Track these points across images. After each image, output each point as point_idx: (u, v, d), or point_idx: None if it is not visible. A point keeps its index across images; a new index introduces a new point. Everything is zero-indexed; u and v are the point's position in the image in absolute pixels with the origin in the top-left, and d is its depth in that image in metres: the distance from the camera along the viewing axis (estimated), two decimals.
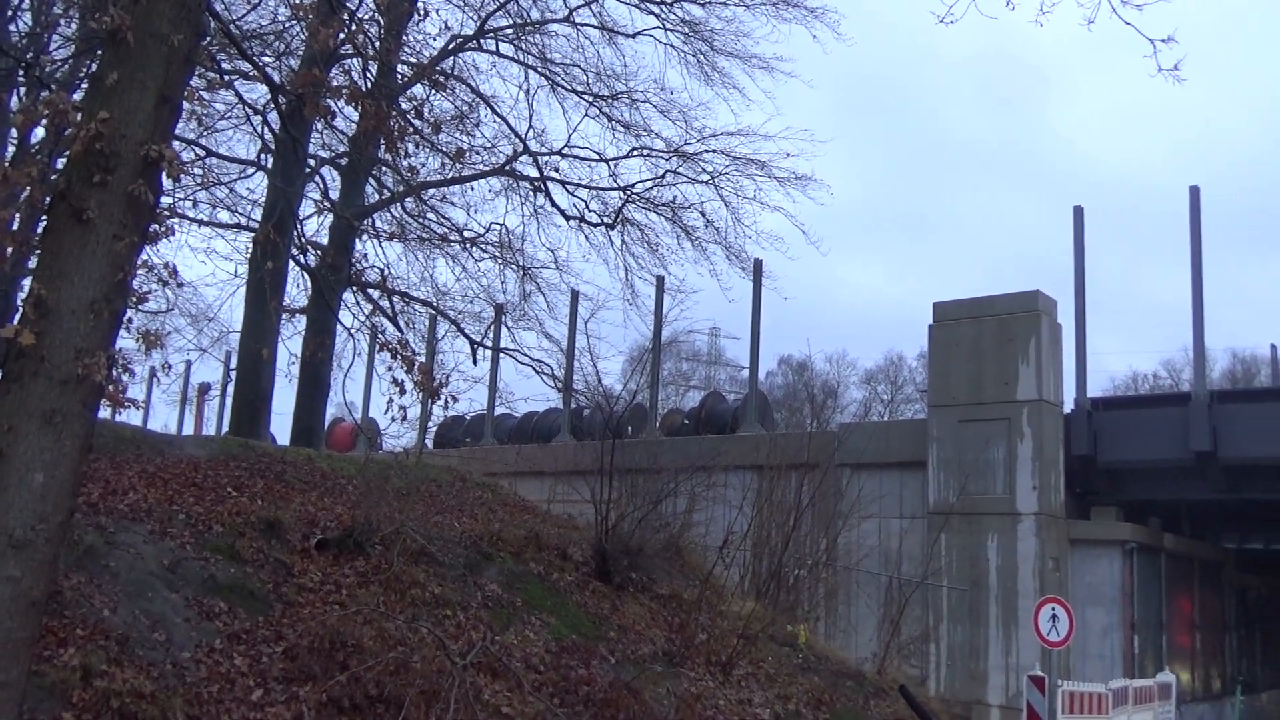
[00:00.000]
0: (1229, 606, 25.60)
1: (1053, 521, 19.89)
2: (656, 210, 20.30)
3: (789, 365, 56.00)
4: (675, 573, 13.36)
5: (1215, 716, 23.15)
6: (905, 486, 21.77)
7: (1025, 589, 19.34)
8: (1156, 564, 21.47)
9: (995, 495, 20.20)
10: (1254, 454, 19.24)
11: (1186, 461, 19.77)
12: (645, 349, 24.40)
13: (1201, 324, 20.30)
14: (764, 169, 20.14)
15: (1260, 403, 21.26)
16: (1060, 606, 14.05)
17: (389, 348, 7.70)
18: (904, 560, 20.60)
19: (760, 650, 12.03)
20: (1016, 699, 15.66)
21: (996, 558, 19.97)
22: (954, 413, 21.06)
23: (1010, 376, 20.46)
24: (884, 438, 22.80)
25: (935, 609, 20.30)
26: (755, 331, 25.56)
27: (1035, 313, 20.61)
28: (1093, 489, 21.25)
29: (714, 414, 28.26)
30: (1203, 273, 20.24)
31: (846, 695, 12.32)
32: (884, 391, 57.62)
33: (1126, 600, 19.93)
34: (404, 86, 14.37)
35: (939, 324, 21.87)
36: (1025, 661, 17.73)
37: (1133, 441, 20.51)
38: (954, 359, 21.33)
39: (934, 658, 20.23)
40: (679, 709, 9.35)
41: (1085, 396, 21.13)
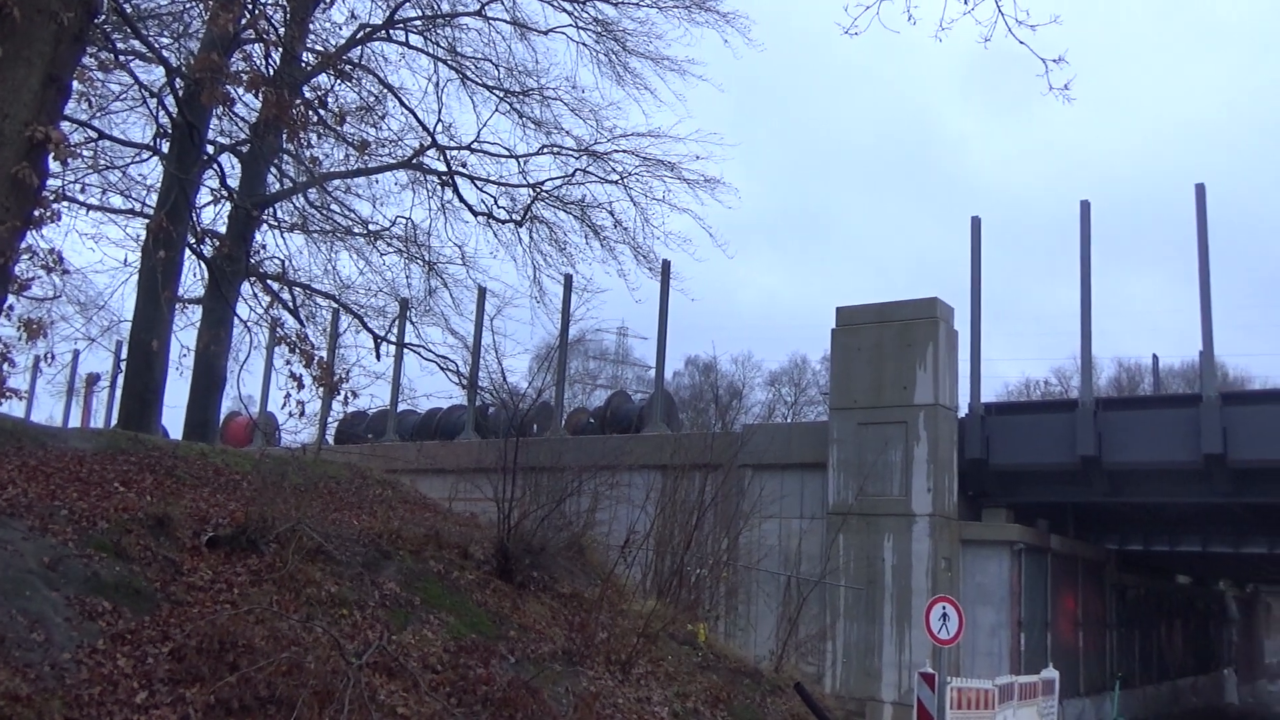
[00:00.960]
0: (1110, 605, 26.66)
1: (946, 522, 20.45)
2: (566, 209, 20.27)
3: (695, 365, 56.47)
4: (577, 571, 13.35)
5: (1095, 711, 24.09)
6: (806, 487, 22.16)
7: (919, 588, 19.86)
8: (1043, 564, 22.25)
9: (892, 496, 20.70)
10: (1134, 459, 20.09)
11: (1073, 465, 20.53)
12: (552, 347, 24.34)
13: (1089, 334, 21.11)
14: (673, 170, 20.28)
15: (1141, 410, 22.19)
16: (951, 605, 14.45)
17: (287, 341, 7.54)
18: (803, 560, 20.96)
19: (660, 649, 12.09)
20: (909, 696, 16.06)
21: (892, 557, 20.46)
22: (854, 415, 21.51)
23: (909, 381, 20.98)
24: (786, 439, 23.18)
25: (833, 607, 20.70)
26: (662, 332, 25.71)
27: (934, 319, 21.17)
28: (984, 491, 21.92)
29: (620, 413, 28.35)
30: (1091, 284, 21.05)
31: (744, 693, 12.47)
32: (788, 393, 58.41)
33: (1014, 599, 20.60)
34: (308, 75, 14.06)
35: (841, 328, 22.30)
36: (918, 659, 18.21)
37: (1023, 446, 21.22)
38: (855, 363, 21.78)
39: (830, 655, 20.63)
40: (578, 708, 9.34)
41: (979, 401, 21.79)
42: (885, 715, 19.64)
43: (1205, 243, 19.89)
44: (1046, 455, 20.93)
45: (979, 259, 22.13)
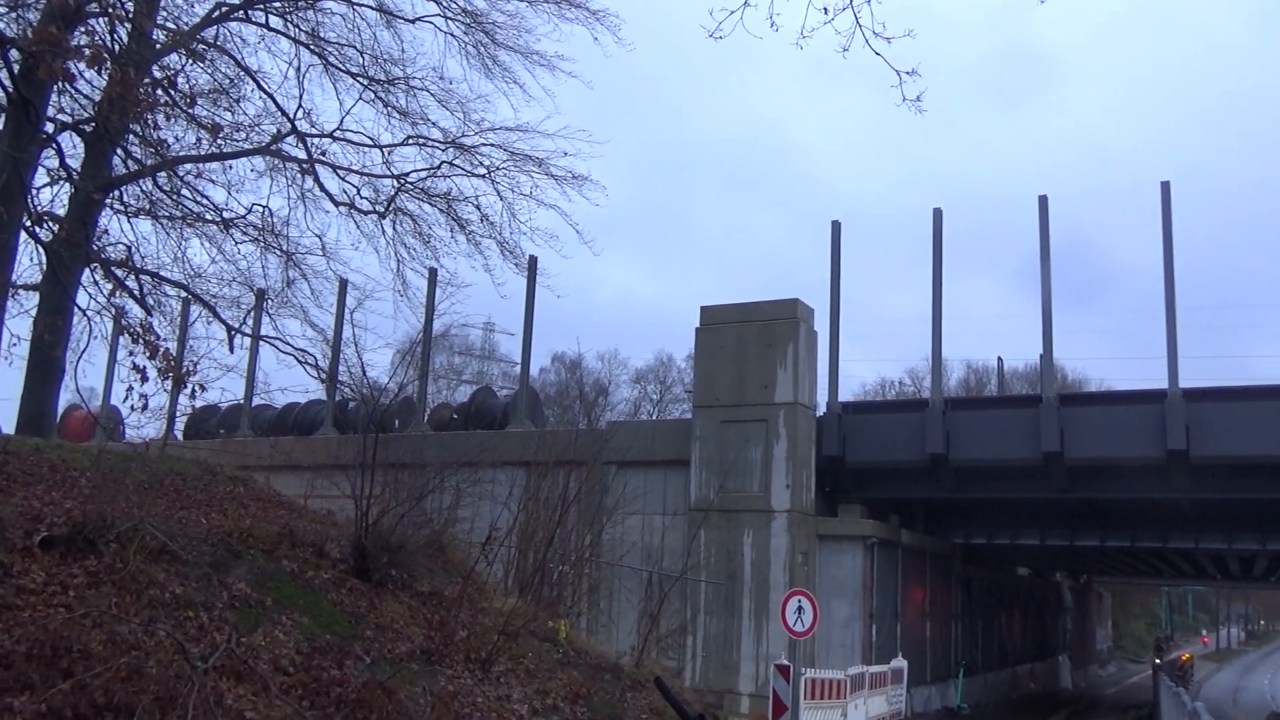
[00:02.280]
0: (956, 596, 27.85)
1: (803, 518, 20.99)
2: (431, 201, 19.91)
3: (562, 362, 56.43)
4: (438, 569, 13.16)
5: (940, 698, 25.12)
6: (669, 484, 22.41)
7: (776, 582, 20.32)
8: (894, 558, 23.07)
9: (752, 493, 21.12)
10: (980, 456, 21.02)
11: (923, 463, 21.35)
12: (415, 341, 23.92)
13: (940, 336, 21.97)
14: (541, 166, 20.14)
15: (986, 410, 23.23)
16: (806, 599, 14.83)
17: (131, 331, 7.18)
18: (665, 555, 21.21)
19: (521, 646, 12.04)
20: (765, 687, 16.43)
21: (751, 553, 20.88)
22: (717, 413, 21.86)
23: (770, 380, 21.44)
24: (650, 436, 23.38)
25: (693, 602, 20.99)
26: (528, 328, 25.59)
27: (794, 320, 21.69)
28: (840, 488, 22.59)
29: (484, 409, 28.08)
30: (943, 289, 21.91)
31: (604, 688, 12.52)
32: (653, 391, 58.97)
33: (867, 592, 21.30)
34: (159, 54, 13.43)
35: (705, 327, 22.63)
36: (775, 651, 18.63)
37: (877, 444, 21.96)
38: (718, 361, 22.13)
39: (691, 649, 20.92)
40: (435, 707, 9.21)
41: (836, 400, 22.44)
42: (743, 707, 20.03)
43: (1047, 252, 20.96)
44: (899, 453, 21.71)
45: (839, 262, 22.77)
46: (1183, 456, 18.89)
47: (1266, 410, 18.60)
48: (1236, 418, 18.83)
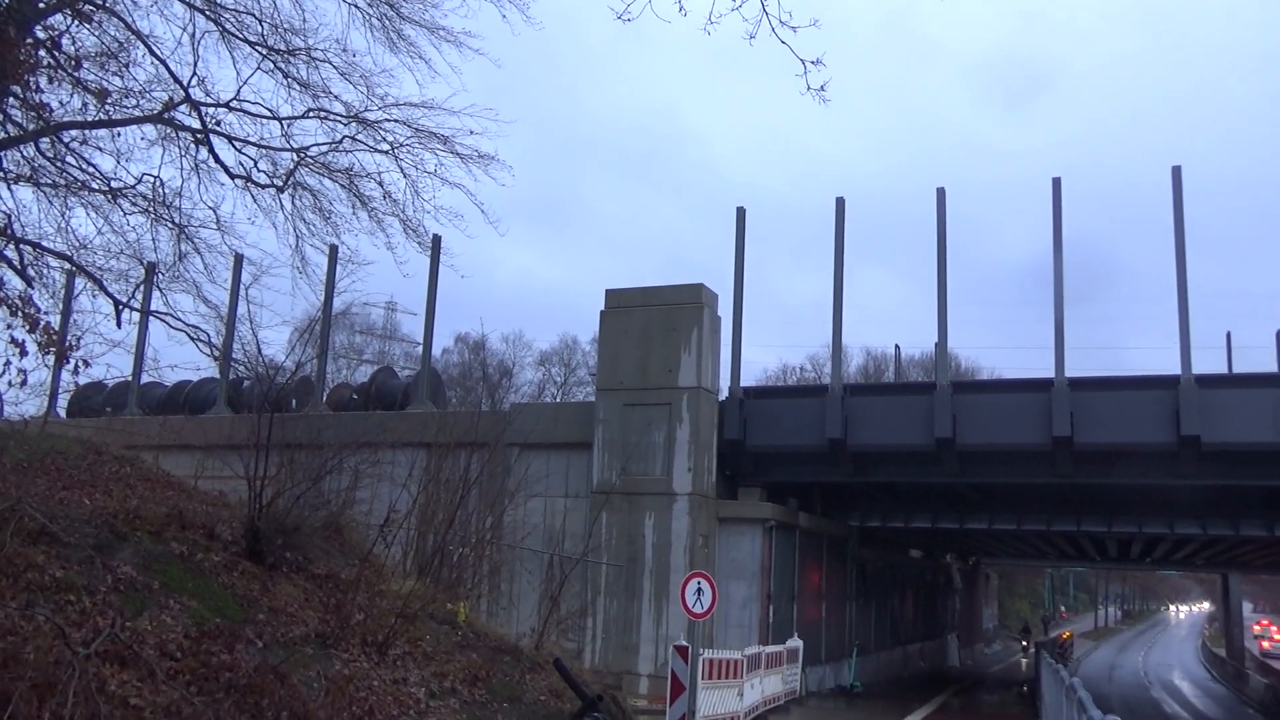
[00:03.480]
0: (851, 578, 28.51)
1: (704, 501, 21.22)
2: (332, 176, 19.37)
3: (465, 343, 55.89)
4: (334, 552, 12.95)
5: (834, 676, 25.72)
6: (572, 466, 22.41)
7: (677, 564, 20.52)
8: (792, 540, 23.50)
9: (654, 476, 21.26)
10: (876, 441, 21.51)
11: (822, 447, 21.75)
12: (314, 320, 23.37)
13: (840, 323, 22.36)
14: (447, 144, 19.72)
15: (883, 396, 23.78)
16: (705, 580, 15.02)
17: (9, 303, 6.87)
18: (567, 538, 21.22)
19: (419, 629, 11.92)
20: (664, 668, 16.60)
21: (653, 535, 21.03)
22: (621, 396, 21.92)
23: (673, 364, 21.58)
24: (553, 419, 23.33)
25: (594, 584, 21.07)
26: (431, 308, 25.25)
27: (699, 305, 21.86)
28: (741, 471, 22.89)
29: (385, 390, 27.65)
30: (844, 277, 22.30)
31: (503, 670, 12.49)
32: (558, 373, 58.82)
33: (765, 574, 21.66)
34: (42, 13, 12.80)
35: (610, 310, 22.65)
36: (674, 633, 18.82)
37: (777, 428, 22.29)
38: (623, 344, 22.18)
39: (591, 631, 21.00)
40: (329, 691, 9.07)
41: (739, 385, 22.69)
42: (642, 687, 20.20)
43: (944, 243, 21.49)
44: (799, 437, 22.08)
45: (743, 248, 22.99)
46: (1066, 443, 19.62)
47: (1143, 399, 19.44)
48: (1116, 406, 19.64)
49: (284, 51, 18.84)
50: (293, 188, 19.08)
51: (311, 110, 19.24)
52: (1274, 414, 18.55)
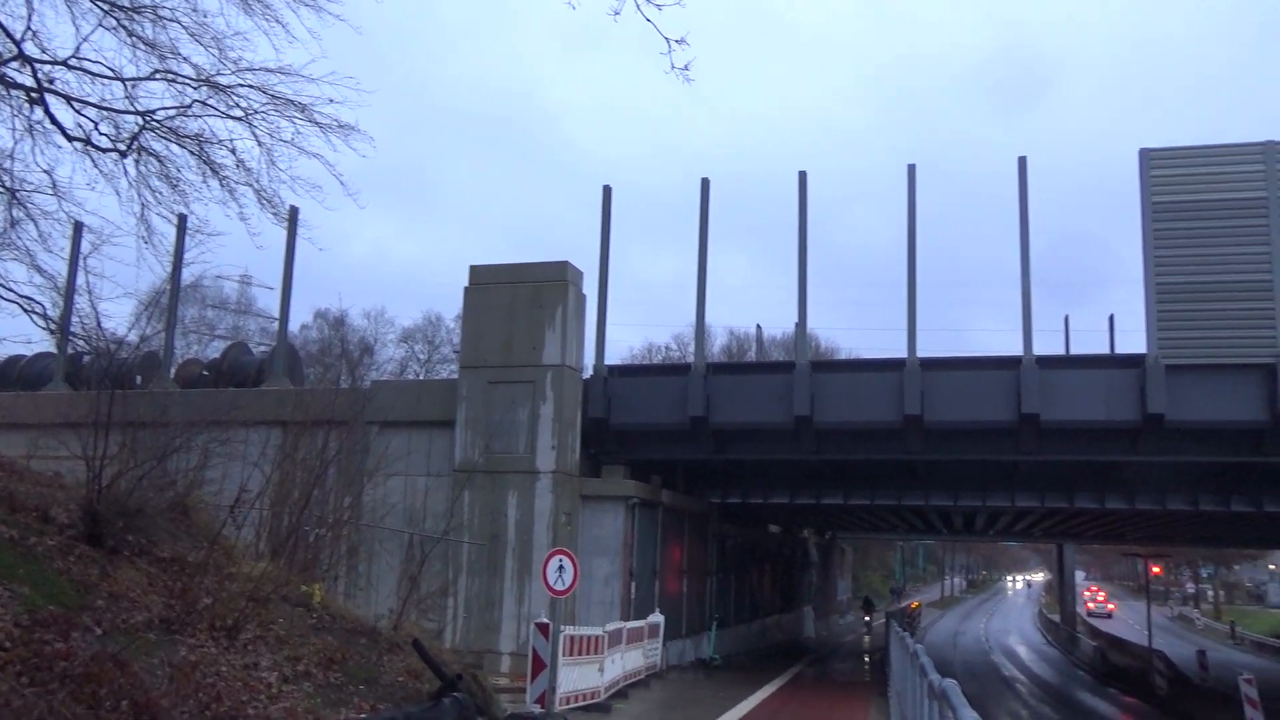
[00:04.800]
0: (712, 553, 29.05)
1: (568, 479, 21.25)
2: (180, 142, 18.44)
3: (325, 319, 54.35)
4: (181, 534, 12.46)
5: (694, 650, 26.20)
6: (434, 444, 22.11)
7: (540, 542, 20.51)
8: (655, 517, 23.78)
9: (518, 454, 21.17)
10: (738, 419, 21.92)
11: (684, 425, 22.04)
12: (161, 292, 22.32)
13: (704, 303, 22.67)
14: (305, 112, 18.98)
15: (744, 375, 24.20)
16: (567, 558, 15.05)
17: None
18: (428, 517, 20.95)
19: (272, 612, 11.59)
20: (526, 646, 16.59)
21: (515, 513, 20.96)
22: (484, 374, 21.71)
23: (538, 341, 21.49)
24: (415, 396, 22.96)
25: (455, 564, 20.88)
26: (287, 281, 24.46)
27: (564, 282, 21.80)
28: (605, 449, 23.01)
29: (238, 366, 26.67)
30: (708, 257, 22.58)
31: (360, 652, 12.27)
32: (421, 351, 57.81)
33: (627, 550, 21.86)
34: None
35: (474, 287, 22.38)
36: (537, 611, 18.84)
37: (641, 406, 22.48)
38: (487, 321, 21.96)
39: (452, 610, 20.82)
40: (174, 679, 8.73)
41: (603, 363, 22.77)
42: (503, 666, 20.16)
43: (805, 226, 21.96)
44: (662, 415, 22.31)
45: (609, 226, 23.02)
46: (917, 421, 20.41)
47: (988, 379, 20.37)
48: (963, 385, 20.52)
49: (127, 8, 17.85)
50: (137, 153, 18.11)
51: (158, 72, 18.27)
52: (1106, 394, 19.70)
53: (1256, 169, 18.99)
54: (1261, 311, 18.65)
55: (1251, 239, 18.82)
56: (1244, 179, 19.07)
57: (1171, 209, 19.26)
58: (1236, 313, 18.83)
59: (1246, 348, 18.75)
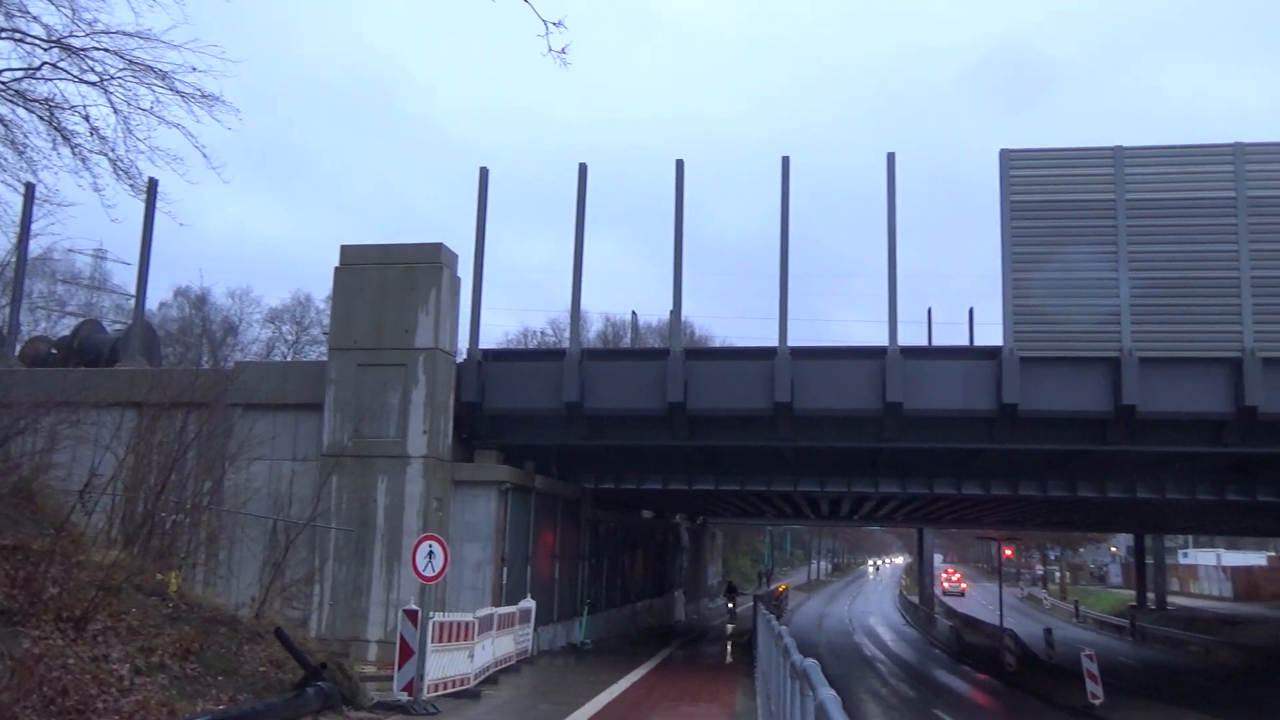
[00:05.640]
0: (584, 539, 29.12)
1: (439, 464, 20.98)
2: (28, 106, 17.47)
3: (186, 297, 52.27)
4: (25, 520, 11.82)
5: (566, 634, 26.25)
6: (300, 428, 21.53)
7: (410, 528, 20.20)
8: (528, 503, 23.69)
9: (388, 438, 20.79)
10: (612, 405, 21.99)
11: (559, 410, 21.99)
12: (5, 264, 21.09)
13: (580, 289, 22.59)
14: (166, 80, 18.20)
15: (620, 361, 24.31)
16: (437, 543, 14.88)
17: None
18: (294, 502, 20.41)
19: (124, 602, 11.12)
20: (394, 633, 16.33)
21: (385, 499, 20.59)
22: (354, 356, 21.24)
23: (410, 324, 21.12)
24: (281, 378, 22.31)
25: (322, 550, 20.40)
26: (144, 256, 23.42)
27: (438, 264, 21.47)
28: (478, 434, 22.79)
29: (90, 344, 25.41)
30: (584, 243, 22.52)
31: (219, 642, 11.89)
32: (289, 332, 56.16)
33: (500, 536, 21.73)
34: None
35: (345, 267, 21.85)
36: (406, 597, 18.57)
37: (516, 391, 22.32)
38: (358, 303, 21.47)
39: (318, 598, 20.34)
40: (16, 672, 8.29)
41: (477, 347, 22.51)
42: (370, 654, 19.80)
43: (681, 214, 22.13)
44: (536, 400, 22.20)
45: (484, 209, 22.73)
46: (787, 408, 20.84)
47: (855, 368, 20.94)
48: (832, 374, 21.04)
49: None
50: None
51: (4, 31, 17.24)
52: (964, 383, 20.49)
53: (1105, 172, 19.99)
54: (1108, 307, 19.67)
55: (1100, 238, 19.82)
56: (1095, 181, 20.06)
57: (1028, 208, 20.12)
58: (1086, 308, 19.82)
59: (1094, 342, 19.75)
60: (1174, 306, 19.51)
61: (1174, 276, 19.55)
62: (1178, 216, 19.71)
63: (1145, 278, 19.59)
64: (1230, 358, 19.20)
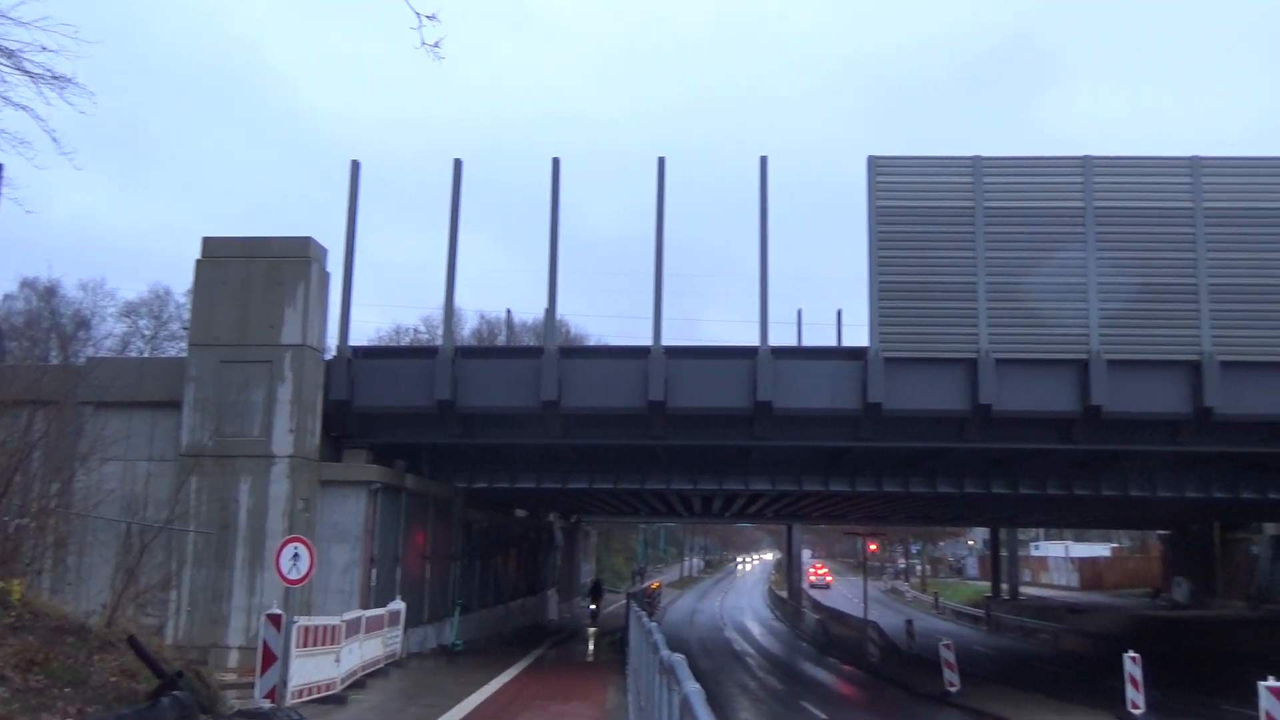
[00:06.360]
0: (457, 539, 28.78)
1: (306, 464, 20.44)
2: None
3: (33, 289, 49.48)
4: None
5: (437, 636, 25.90)
6: (157, 427, 20.69)
7: (274, 530, 19.62)
8: (398, 502, 23.27)
9: (252, 438, 20.15)
10: (485, 404, 21.80)
11: (431, 409, 21.67)
12: None
13: (454, 285, 22.35)
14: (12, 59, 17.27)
15: (494, 360, 24.13)
16: (303, 545, 14.49)
17: None
18: (150, 505, 19.58)
19: None
20: (257, 639, 15.82)
21: (248, 500, 19.95)
22: (217, 353, 20.51)
23: (276, 320, 20.51)
24: (138, 375, 21.35)
25: (180, 554, 19.64)
26: None
27: (306, 259, 20.91)
28: (347, 433, 22.28)
29: None
30: (458, 239, 22.26)
31: (67, 652, 11.32)
32: (146, 326, 53.74)
33: (369, 536, 21.29)
34: None
35: (208, 260, 21.08)
36: (269, 602, 17.98)
37: (386, 389, 21.90)
38: (221, 297, 20.75)
39: (175, 604, 19.58)
40: None
41: (347, 344, 22.01)
42: (231, 660, 19.15)
43: (557, 212, 22.07)
44: (408, 399, 21.83)
45: (356, 203, 22.23)
46: (660, 407, 21.03)
47: (728, 368, 21.27)
48: (704, 373, 21.32)
49: None
50: None
51: None
52: (832, 383, 21.04)
53: (966, 180, 20.81)
54: (966, 311, 20.47)
55: (960, 244, 20.62)
56: (956, 189, 20.86)
57: (893, 213, 20.79)
58: (946, 311, 20.59)
59: (954, 343, 20.54)
60: (1026, 310, 20.44)
61: (1026, 282, 20.50)
62: (1032, 224, 20.66)
63: (1000, 282, 20.48)
64: (1077, 359, 20.23)
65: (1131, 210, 20.55)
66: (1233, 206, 20.47)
